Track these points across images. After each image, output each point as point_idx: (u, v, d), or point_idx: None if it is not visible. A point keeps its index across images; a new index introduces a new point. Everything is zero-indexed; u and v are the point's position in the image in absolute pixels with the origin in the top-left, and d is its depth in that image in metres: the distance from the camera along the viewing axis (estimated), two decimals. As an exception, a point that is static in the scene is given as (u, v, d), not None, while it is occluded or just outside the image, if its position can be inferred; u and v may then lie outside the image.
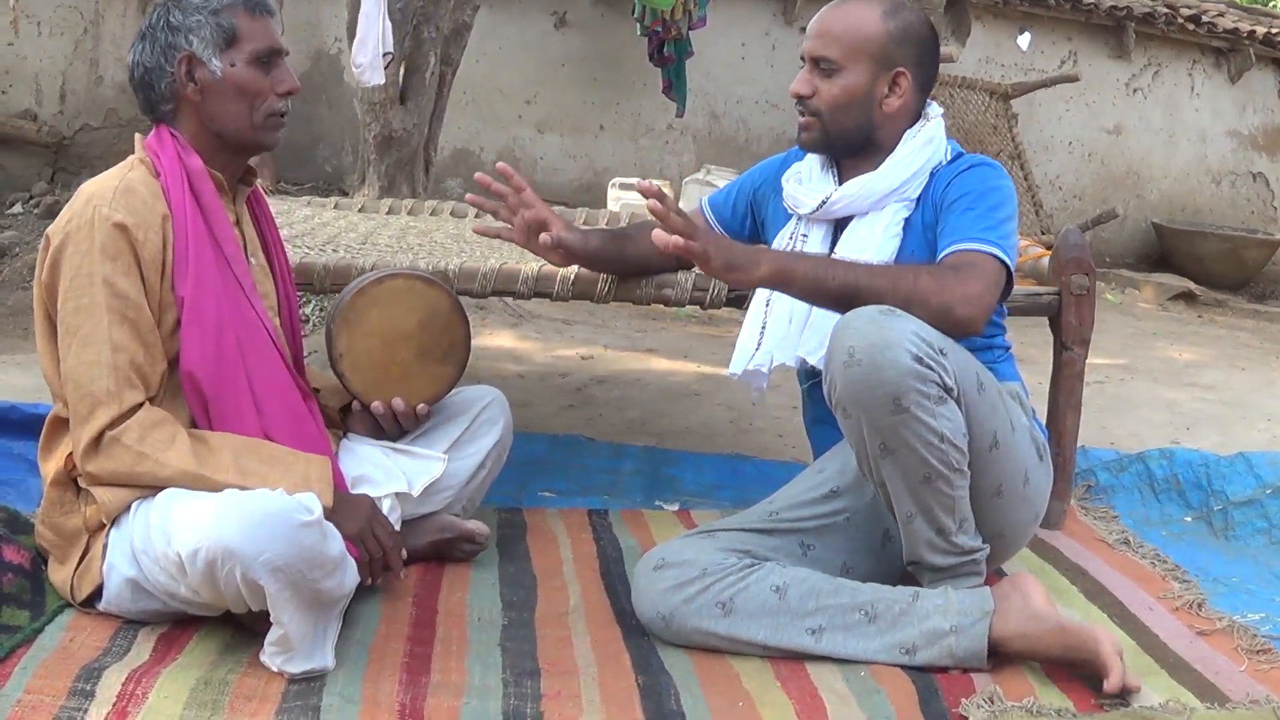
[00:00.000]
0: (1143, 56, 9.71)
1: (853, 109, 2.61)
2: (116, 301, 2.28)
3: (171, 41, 2.40)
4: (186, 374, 2.33)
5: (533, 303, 5.80)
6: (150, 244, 2.32)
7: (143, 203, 2.34)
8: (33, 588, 2.40)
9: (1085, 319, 3.12)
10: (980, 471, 2.43)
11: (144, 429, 2.26)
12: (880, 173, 2.63)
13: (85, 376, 2.26)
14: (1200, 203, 10.07)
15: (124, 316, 2.29)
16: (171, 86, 2.42)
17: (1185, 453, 3.61)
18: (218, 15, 2.41)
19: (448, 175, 8.24)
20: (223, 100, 2.42)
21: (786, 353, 2.67)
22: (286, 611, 2.14)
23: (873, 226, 2.63)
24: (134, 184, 2.36)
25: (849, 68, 2.59)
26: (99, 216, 2.29)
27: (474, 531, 2.78)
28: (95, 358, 2.26)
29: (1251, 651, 2.51)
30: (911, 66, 2.61)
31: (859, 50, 2.58)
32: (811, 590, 2.40)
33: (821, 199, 2.67)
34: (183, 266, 2.34)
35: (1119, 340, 6.68)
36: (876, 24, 2.59)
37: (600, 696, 2.21)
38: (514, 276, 3.00)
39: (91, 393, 2.26)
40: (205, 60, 2.40)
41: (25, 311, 5.44)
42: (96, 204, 2.31)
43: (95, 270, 2.28)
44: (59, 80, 7.89)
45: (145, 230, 2.32)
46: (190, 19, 2.40)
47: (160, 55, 2.41)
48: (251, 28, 2.43)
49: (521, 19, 8.61)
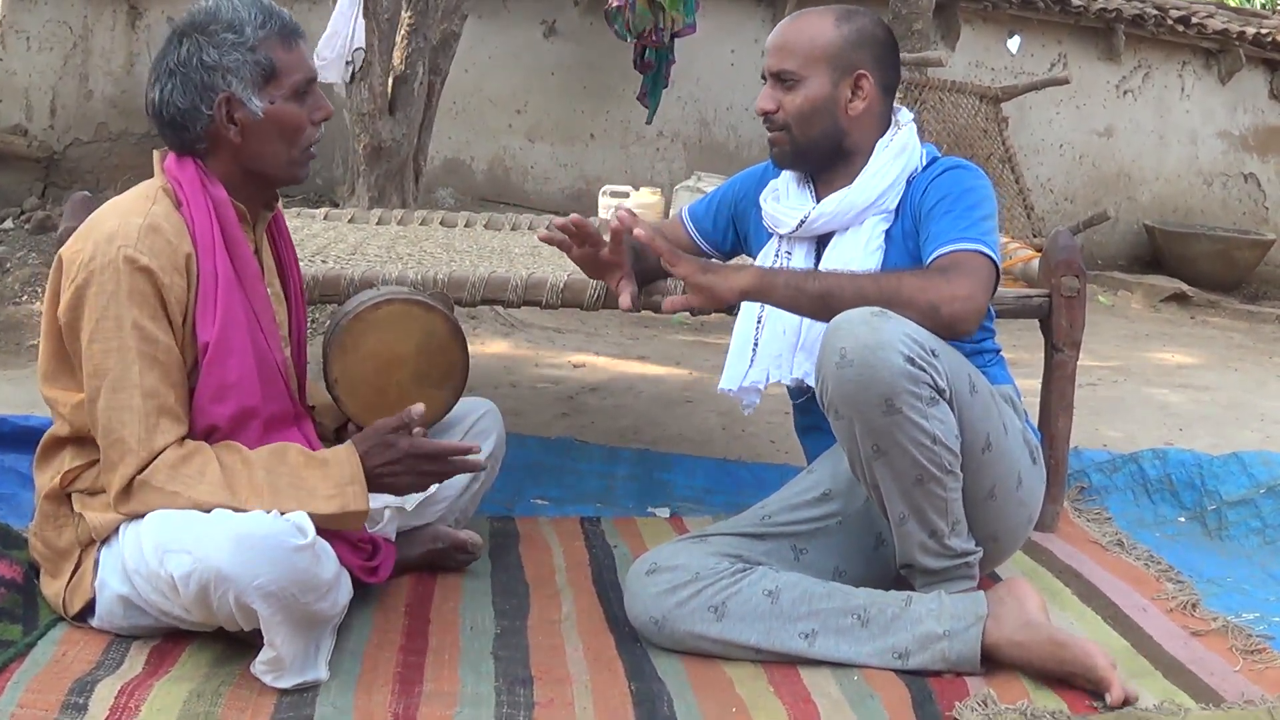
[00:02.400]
0: (1133, 58, 9.73)
1: (818, 117, 2.62)
2: (147, 346, 2.22)
3: (208, 82, 2.28)
4: (201, 412, 2.28)
5: (524, 311, 5.82)
6: (176, 287, 2.26)
7: (167, 243, 2.26)
8: (25, 602, 2.40)
9: (1076, 321, 3.13)
10: (973, 474, 2.42)
11: (172, 468, 2.21)
12: (857, 186, 2.64)
13: (115, 422, 2.21)
14: (1192, 204, 10.09)
15: (155, 360, 2.23)
16: (209, 129, 2.32)
17: (1179, 453, 3.61)
18: (255, 52, 2.29)
19: (437, 185, 8.23)
20: (263, 140, 2.34)
21: (781, 371, 2.66)
22: (280, 634, 2.13)
23: (855, 241, 2.64)
24: (159, 222, 2.27)
25: (809, 77, 2.61)
26: (124, 259, 2.21)
27: (466, 541, 2.78)
28: (125, 403, 2.21)
29: (1246, 652, 2.51)
30: (871, 68, 2.63)
31: (817, 58, 2.61)
32: (804, 594, 2.40)
33: (800, 218, 2.68)
34: (206, 308, 2.28)
35: (1111, 342, 6.68)
36: (830, 31, 2.62)
37: (593, 704, 2.20)
38: (503, 285, 2.99)
39: (122, 439, 2.21)
40: (245, 100, 2.30)
41: (16, 327, 5.41)
42: (122, 245, 2.22)
43: (124, 315, 2.21)
44: (49, 95, 7.89)
45: (171, 274, 2.25)
46: (226, 57, 2.28)
47: (195, 95, 2.29)
48: (288, 60, 2.33)
49: (510, 28, 8.61)
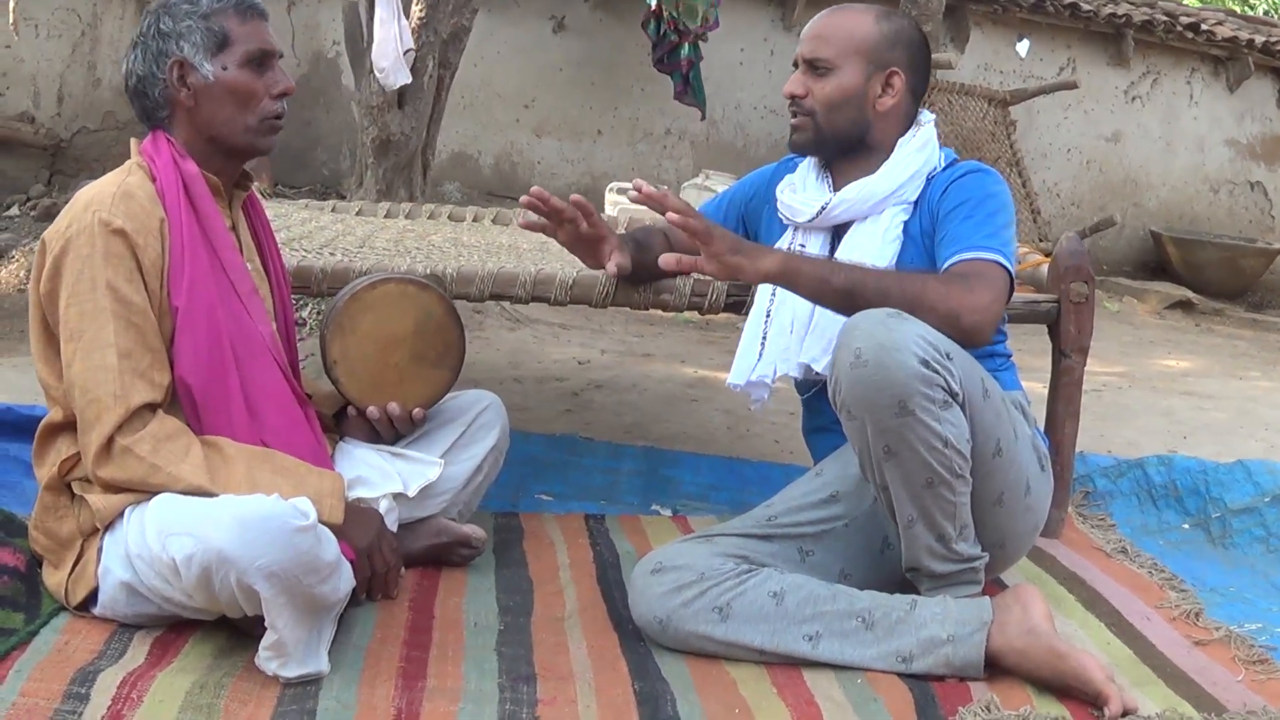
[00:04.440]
0: (1141, 64, 9.72)
1: (846, 107, 2.64)
2: (121, 307, 2.27)
3: (163, 48, 2.40)
4: (179, 379, 2.32)
5: (530, 307, 5.81)
6: (150, 250, 2.31)
7: (141, 208, 2.33)
8: (27, 590, 2.39)
9: (1084, 327, 3.12)
10: (982, 479, 2.42)
11: (158, 441, 2.25)
12: (879, 175, 2.65)
13: (91, 382, 2.24)
14: (1198, 211, 10.08)
15: (129, 322, 2.27)
16: (165, 93, 2.42)
17: (1184, 460, 3.60)
18: (207, 19, 2.40)
19: (445, 179, 8.23)
20: (216, 104, 2.42)
21: (789, 363, 2.66)
22: (282, 617, 2.13)
23: (872, 231, 2.64)
24: (132, 189, 2.35)
25: (843, 67, 2.63)
26: (99, 221, 2.28)
27: (470, 536, 2.78)
28: (100, 362, 2.24)
29: (1249, 661, 2.50)
30: (904, 68, 2.65)
31: (853, 50, 2.63)
32: (809, 596, 2.39)
33: (820, 205, 2.68)
34: (178, 273, 2.33)
35: (1117, 348, 6.68)
36: (870, 26, 2.64)
37: (596, 702, 2.20)
38: (512, 280, 2.99)
39: (98, 398, 2.24)
40: (197, 65, 2.40)
41: (21, 314, 5.42)
42: (96, 209, 2.29)
43: (98, 275, 2.26)
44: (56, 83, 7.88)
45: (145, 235, 2.31)
46: (180, 24, 2.40)
47: (152, 62, 2.41)
48: (242, 30, 2.43)
49: (519, 23, 8.61)
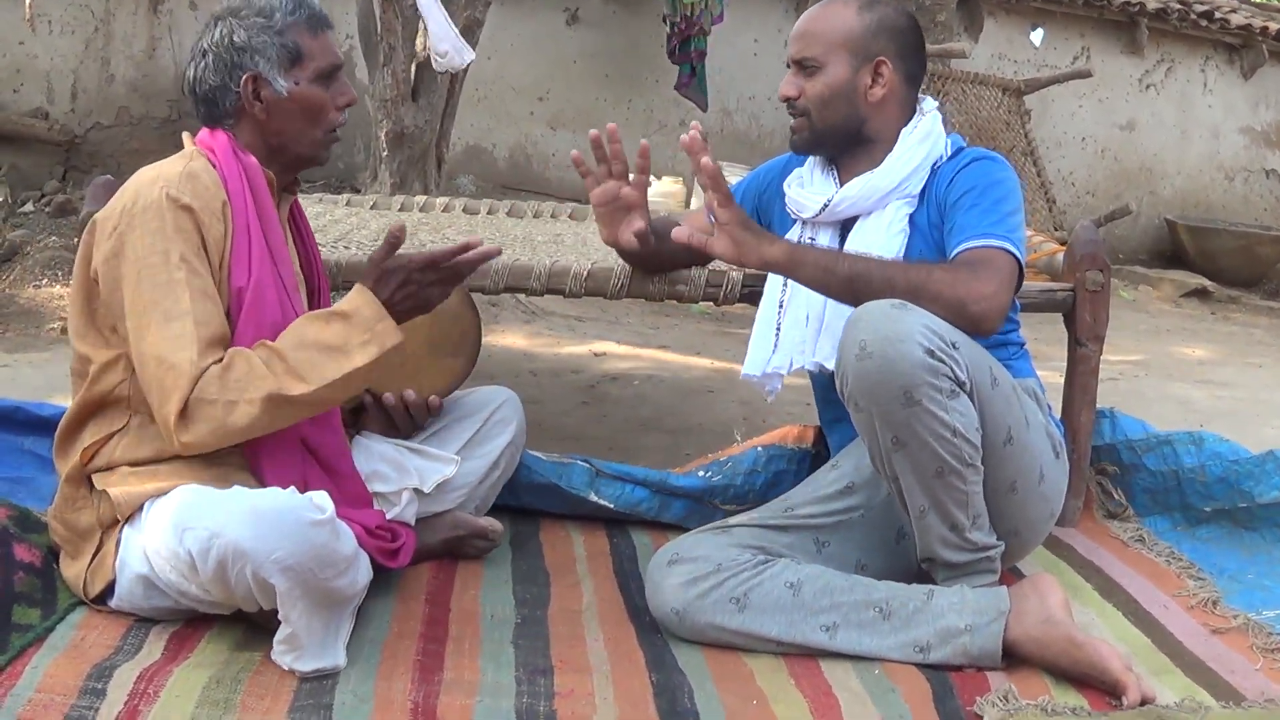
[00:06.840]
0: (1155, 53, 9.68)
1: (837, 102, 2.65)
2: (197, 280, 2.27)
3: (237, 61, 2.41)
4: None
5: (544, 299, 5.82)
6: (214, 230, 2.32)
7: (205, 189, 2.34)
8: (44, 586, 2.39)
9: (1100, 315, 3.10)
10: (994, 467, 2.41)
11: (219, 379, 2.23)
12: (882, 169, 2.65)
13: (169, 349, 2.22)
14: (1213, 199, 10.04)
15: (205, 293, 2.28)
16: (236, 105, 2.43)
17: (1215, 443, 3.34)
18: (282, 35, 2.41)
19: (459, 172, 8.21)
20: (287, 118, 2.44)
21: (804, 356, 2.66)
22: (296, 610, 2.13)
23: (878, 225, 2.65)
24: (197, 171, 2.35)
25: (830, 63, 2.64)
26: (167, 197, 2.28)
27: (486, 528, 2.78)
28: (180, 330, 2.23)
29: (1267, 650, 2.49)
30: (892, 57, 2.65)
31: (838, 45, 2.64)
32: (826, 587, 2.39)
33: (824, 201, 2.68)
34: (241, 256, 2.35)
35: (1132, 337, 6.66)
36: (852, 19, 2.65)
37: (614, 694, 2.20)
38: (527, 273, 2.98)
39: (176, 364, 2.22)
40: (271, 80, 2.41)
41: (37, 310, 5.44)
42: (164, 186, 2.29)
43: (171, 248, 2.26)
44: (70, 79, 7.89)
45: (209, 215, 2.32)
46: (256, 39, 2.40)
47: (225, 74, 2.41)
48: (314, 45, 2.45)
49: (533, 15, 8.60)
